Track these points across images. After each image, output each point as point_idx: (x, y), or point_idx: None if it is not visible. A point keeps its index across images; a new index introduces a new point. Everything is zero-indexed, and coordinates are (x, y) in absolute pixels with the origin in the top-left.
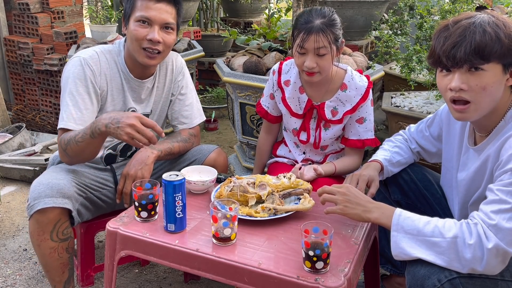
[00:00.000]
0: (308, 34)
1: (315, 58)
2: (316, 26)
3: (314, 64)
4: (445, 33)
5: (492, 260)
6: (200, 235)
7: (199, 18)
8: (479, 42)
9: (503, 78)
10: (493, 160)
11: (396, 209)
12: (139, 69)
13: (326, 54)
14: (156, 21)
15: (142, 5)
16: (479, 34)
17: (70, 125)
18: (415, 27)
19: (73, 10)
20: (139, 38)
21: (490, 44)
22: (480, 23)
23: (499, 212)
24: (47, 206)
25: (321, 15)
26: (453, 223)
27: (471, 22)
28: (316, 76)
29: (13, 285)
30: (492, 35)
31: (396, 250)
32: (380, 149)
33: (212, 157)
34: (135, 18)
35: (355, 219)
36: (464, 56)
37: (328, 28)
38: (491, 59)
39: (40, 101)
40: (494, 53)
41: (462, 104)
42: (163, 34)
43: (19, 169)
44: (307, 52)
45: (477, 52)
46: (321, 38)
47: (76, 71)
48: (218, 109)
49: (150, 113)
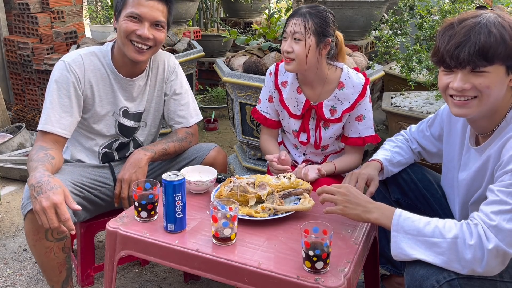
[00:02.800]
0: (290, 18)
1: (292, 42)
2: (300, 12)
3: (289, 48)
4: (450, 32)
5: (492, 260)
6: (200, 235)
7: (199, 18)
8: (483, 43)
9: (506, 79)
10: (494, 160)
11: (396, 209)
12: (127, 67)
13: (301, 41)
14: (146, 18)
15: (134, 2)
16: (484, 35)
17: (47, 127)
18: (415, 27)
19: (73, 10)
20: (128, 31)
21: (494, 46)
22: (486, 23)
23: (500, 213)
24: None
25: (312, 7)
26: (453, 224)
27: (476, 22)
28: (292, 64)
29: (13, 285)
30: (497, 37)
31: (396, 251)
32: (381, 148)
33: (211, 156)
34: (126, 13)
35: (354, 219)
36: (467, 57)
37: (310, 16)
38: (495, 61)
39: (40, 101)
40: (498, 55)
41: (465, 99)
42: (153, 31)
43: (19, 169)
44: (287, 36)
45: (481, 53)
46: (299, 22)
47: (58, 75)
48: (218, 109)
49: (144, 112)
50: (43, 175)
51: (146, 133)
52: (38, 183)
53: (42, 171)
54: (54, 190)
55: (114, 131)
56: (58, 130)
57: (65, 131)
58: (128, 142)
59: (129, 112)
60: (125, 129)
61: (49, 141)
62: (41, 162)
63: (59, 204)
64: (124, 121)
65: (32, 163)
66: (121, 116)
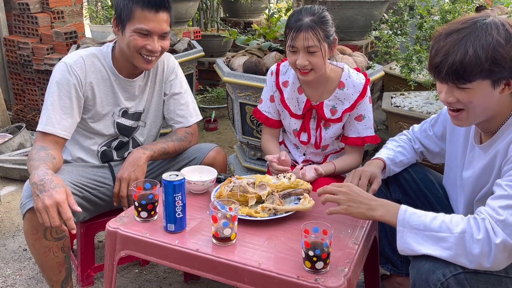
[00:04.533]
0: (297, 32)
1: (306, 55)
2: (305, 24)
3: (305, 61)
4: (436, 46)
5: (499, 255)
6: (200, 235)
7: (199, 18)
8: (458, 64)
9: (494, 91)
10: (502, 156)
11: (401, 205)
12: (128, 68)
13: (317, 52)
14: (155, 32)
15: (141, 17)
16: (460, 55)
17: (48, 128)
18: (415, 27)
19: (73, 10)
20: (137, 47)
21: (469, 67)
22: (466, 41)
23: (507, 207)
24: None
25: (311, 13)
26: (460, 219)
27: (458, 38)
28: (310, 74)
29: (13, 285)
30: (472, 58)
31: (402, 246)
32: (384, 147)
33: (211, 156)
34: (135, 28)
35: (359, 217)
36: (445, 76)
37: (317, 25)
38: (474, 78)
39: (40, 101)
40: (475, 74)
41: (455, 111)
42: (161, 42)
43: (19, 169)
44: (298, 51)
45: (457, 73)
46: (310, 35)
47: (59, 76)
48: (218, 109)
49: (143, 112)
50: (45, 174)
51: (146, 133)
52: (41, 181)
53: (44, 169)
54: (57, 189)
55: (113, 131)
56: (59, 131)
57: (66, 132)
58: (127, 141)
59: (128, 112)
60: (124, 129)
61: (49, 142)
62: (43, 161)
63: (61, 203)
64: (123, 120)
65: (33, 162)
66: (120, 116)
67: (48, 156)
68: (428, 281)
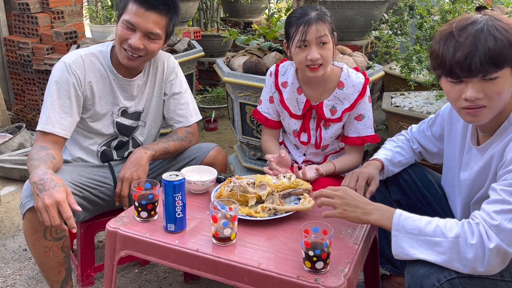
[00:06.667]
0: (308, 26)
1: (318, 49)
2: (314, 16)
3: (318, 55)
4: (453, 42)
5: (493, 260)
6: (200, 235)
7: (199, 18)
8: (493, 50)
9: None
10: (498, 159)
11: (396, 210)
12: (125, 67)
13: (328, 43)
14: (139, 28)
15: (132, 10)
16: (491, 42)
17: (48, 128)
18: (415, 27)
19: (73, 10)
20: (121, 39)
21: (503, 51)
22: (488, 29)
23: (502, 212)
24: None
25: (314, 8)
26: (454, 223)
27: (478, 29)
28: (320, 69)
29: (13, 285)
30: (504, 41)
31: (396, 250)
32: (382, 148)
33: (211, 155)
34: (123, 20)
35: (354, 221)
36: (479, 67)
37: (324, 17)
38: (505, 65)
39: (40, 101)
40: (508, 59)
41: (475, 108)
42: (146, 41)
43: (19, 169)
44: (310, 44)
45: (492, 60)
46: (321, 26)
47: (58, 76)
48: (218, 109)
49: (143, 111)
50: (45, 173)
51: (146, 133)
52: (41, 180)
53: (44, 169)
54: (57, 188)
55: (113, 130)
56: (59, 130)
57: (65, 132)
58: (127, 141)
59: (127, 111)
60: (124, 128)
61: (49, 141)
62: (43, 160)
63: (61, 202)
64: (122, 120)
65: (33, 162)
66: (119, 115)
67: (48, 156)
68: (423, 286)
